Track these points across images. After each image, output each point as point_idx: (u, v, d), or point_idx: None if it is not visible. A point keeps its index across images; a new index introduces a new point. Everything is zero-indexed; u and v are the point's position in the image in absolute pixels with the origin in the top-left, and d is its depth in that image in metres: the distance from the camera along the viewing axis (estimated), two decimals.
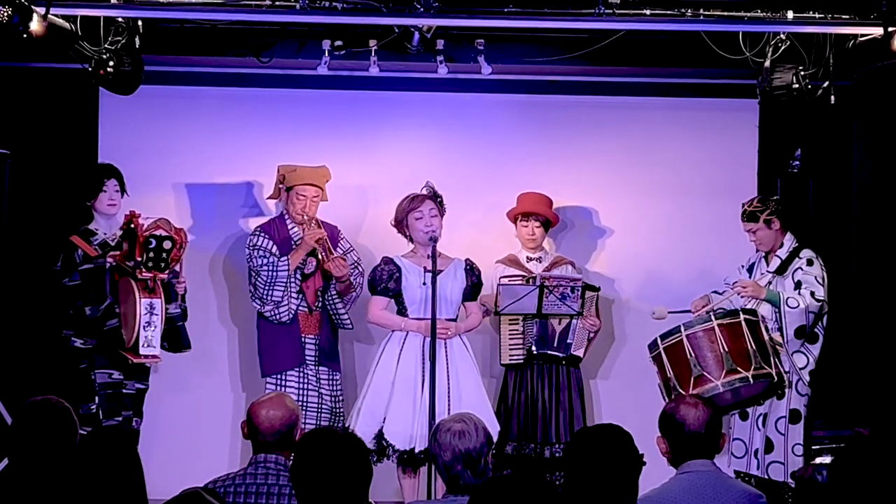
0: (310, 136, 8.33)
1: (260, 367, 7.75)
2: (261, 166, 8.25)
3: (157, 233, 6.98)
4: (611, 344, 8.40)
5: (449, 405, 7.19)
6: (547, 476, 7.58)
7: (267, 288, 7.61)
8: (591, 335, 7.92)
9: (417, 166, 8.23)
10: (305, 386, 7.63)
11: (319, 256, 7.67)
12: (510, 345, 7.85)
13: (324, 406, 7.63)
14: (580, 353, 7.87)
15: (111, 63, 7.23)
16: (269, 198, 7.97)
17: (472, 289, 7.53)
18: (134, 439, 6.78)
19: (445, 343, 7.34)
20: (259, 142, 8.32)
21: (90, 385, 7.27)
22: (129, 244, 7.02)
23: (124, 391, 7.34)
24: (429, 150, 8.42)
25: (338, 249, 7.76)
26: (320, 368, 7.68)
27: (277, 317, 7.64)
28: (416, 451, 7.18)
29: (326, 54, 7.79)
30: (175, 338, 7.40)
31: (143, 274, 6.98)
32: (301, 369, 7.64)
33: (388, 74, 8.12)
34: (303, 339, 7.67)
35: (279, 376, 7.64)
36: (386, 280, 7.43)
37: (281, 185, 7.79)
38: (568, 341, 7.84)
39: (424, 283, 7.27)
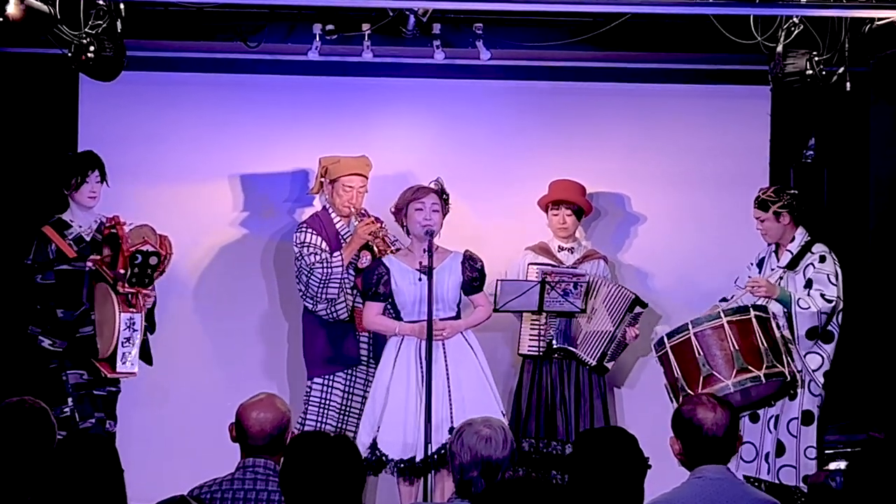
0: (300, 124, 8.32)
1: (306, 367, 7.76)
2: (248, 156, 8.26)
3: (145, 248, 7.00)
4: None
5: (451, 410, 7.14)
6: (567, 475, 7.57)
7: (321, 286, 7.58)
8: (626, 346, 7.93)
9: (412, 156, 8.24)
10: (352, 389, 7.65)
11: (376, 249, 7.66)
12: (530, 335, 7.86)
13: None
14: (611, 364, 7.89)
15: (92, 48, 7.21)
16: (311, 192, 7.97)
17: (471, 282, 7.46)
18: (112, 443, 6.78)
19: (443, 344, 7.29)
20: (246, 130, 8.31)
21: (62, 386, 7.24)
22: (111, 251, 7.04)
23: (95, 392, 7.32)
24: (424, 138, 8.42)
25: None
26: (370, 368, 7.68)
27: (335, 314, 7.63)
28: (417, 460, 7.10)
29: (317, 39, 7.79)
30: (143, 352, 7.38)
31: (126, 289, 7.00)
32: (352, 371, 7.67)
33: (382, 60, 8.12)
34: (357, 337, 7.70)
35: (328, 378, 7.66)
36: (375, 284, 7.38)
37: (323, 178, 7.77)
38: (605, 350, 7.83)
39: (420, 280, 7.24)
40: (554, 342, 7.82)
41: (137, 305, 7.05)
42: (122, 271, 6.98)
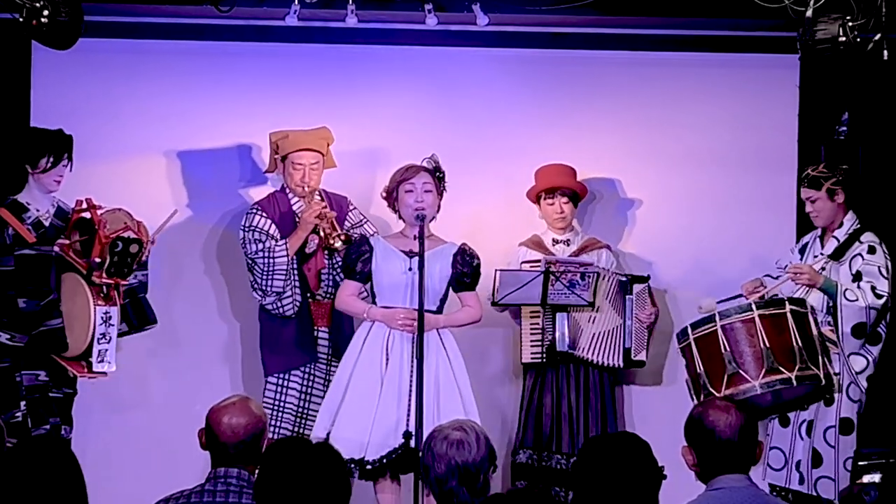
0: (277, 96, 8.32)
1: (262, 365, 7.81)
2: (219, 130, 8.26)
3: (126, 235, 7.03)
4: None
5: (408, 413, 7.13)
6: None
7: (265, 277, 7.64)
8: (651, 327, 7.94)
9: (401, 131, 8.25)
10: (310, 389, 7.69)
11: (322, 233, 7.69)
12: (531, 341, 7.86)
13: None
14: (643, 356, 7.91)
15: (45, 12, 7.19)
16: (267, 171, 8.02)
17: (460, 277, 7.46)
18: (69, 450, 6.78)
19: (413, 338, 7.24)
20: (217, 102, 8.31)
21: (15, 388, 7.25)
22: (83, 236, 7.05)
23: (51, 394, 7.32)
24: (415, 112, 8.41)
25: (345, 224, 7.77)
26: (332, 366, 7.70)
27: (281, 310, 7.69)
28: (367, 460, 7.14)
29: (296, 2, 7.78)
30: (139, 311, 7.38)
31: (103, 279, 7.01)
32: (308, 368, 7.71)
33: (367, 26, 8.12)
34: (315, 332, 7.74)
35: (282, 376, 7.70)
36: (354, 262, 7.43)
37: (276, 156, 7.82)
38: (626, 346, 7.85)
39: (410, 269, 7.26)
40: (557, 345, 7.82)
41: (114, 298, 7.08)
42: (98, 260, 7.00)
